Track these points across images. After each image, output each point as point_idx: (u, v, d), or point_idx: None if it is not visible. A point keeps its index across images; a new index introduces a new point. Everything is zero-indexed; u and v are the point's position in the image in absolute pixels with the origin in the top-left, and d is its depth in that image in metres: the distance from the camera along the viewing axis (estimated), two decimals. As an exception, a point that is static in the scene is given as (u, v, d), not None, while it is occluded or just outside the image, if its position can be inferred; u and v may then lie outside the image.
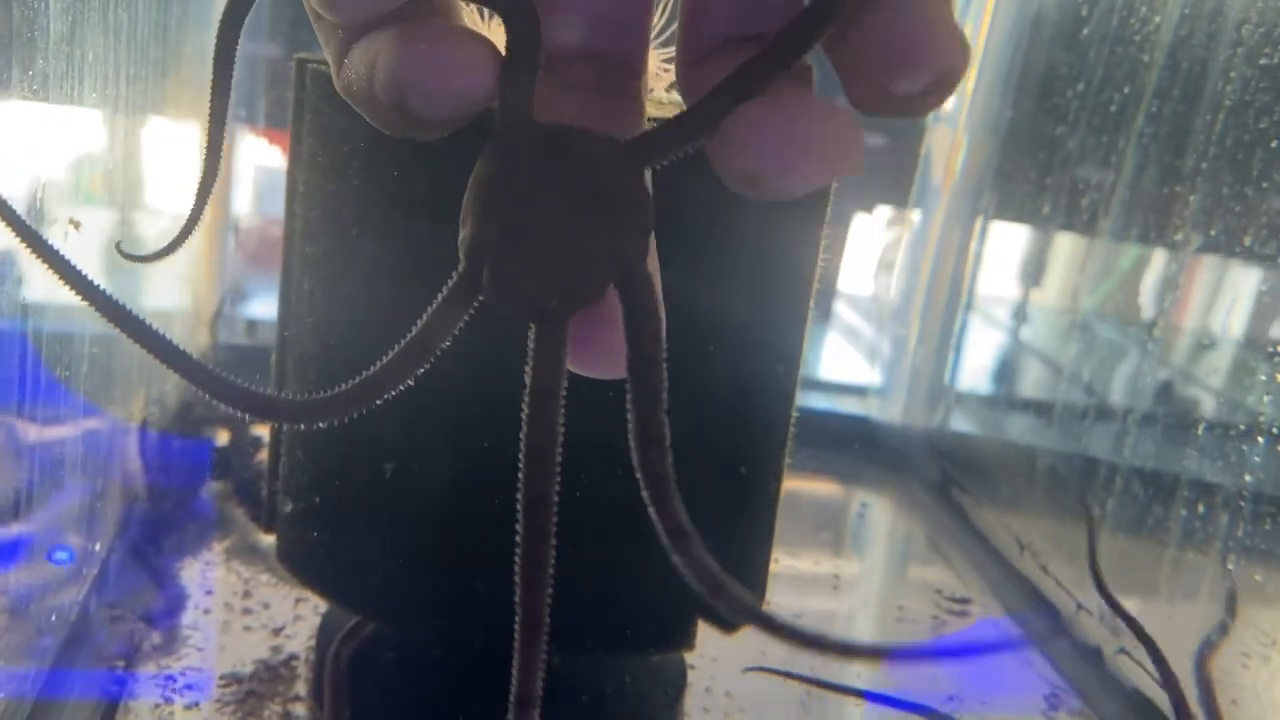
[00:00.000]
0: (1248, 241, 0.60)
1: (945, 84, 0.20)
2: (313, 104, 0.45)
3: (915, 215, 0.98)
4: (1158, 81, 0.69)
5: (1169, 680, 0.53)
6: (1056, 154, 0.80)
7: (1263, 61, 0.59)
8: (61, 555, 0.41)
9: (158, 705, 0.49)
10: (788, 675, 0.57)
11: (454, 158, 0.28)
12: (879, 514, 0.83)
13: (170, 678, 0.51)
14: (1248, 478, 0.56)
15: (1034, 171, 0.83)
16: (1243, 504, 0.56)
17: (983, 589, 0.70)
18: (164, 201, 0.83)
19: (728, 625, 0.49)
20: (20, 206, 0.50)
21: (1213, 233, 0.63)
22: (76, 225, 0.40)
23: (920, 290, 0.95)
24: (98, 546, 0.55)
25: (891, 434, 0.92)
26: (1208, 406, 0.66)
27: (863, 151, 0.21)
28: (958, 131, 0.93)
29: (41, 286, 0.47)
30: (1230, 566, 0.56)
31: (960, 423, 0.92)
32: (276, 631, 0.56)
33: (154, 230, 0.80)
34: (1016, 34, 0.88)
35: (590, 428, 0.43)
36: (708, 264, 0.43)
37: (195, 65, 0.78)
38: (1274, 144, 0.58)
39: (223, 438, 0.76)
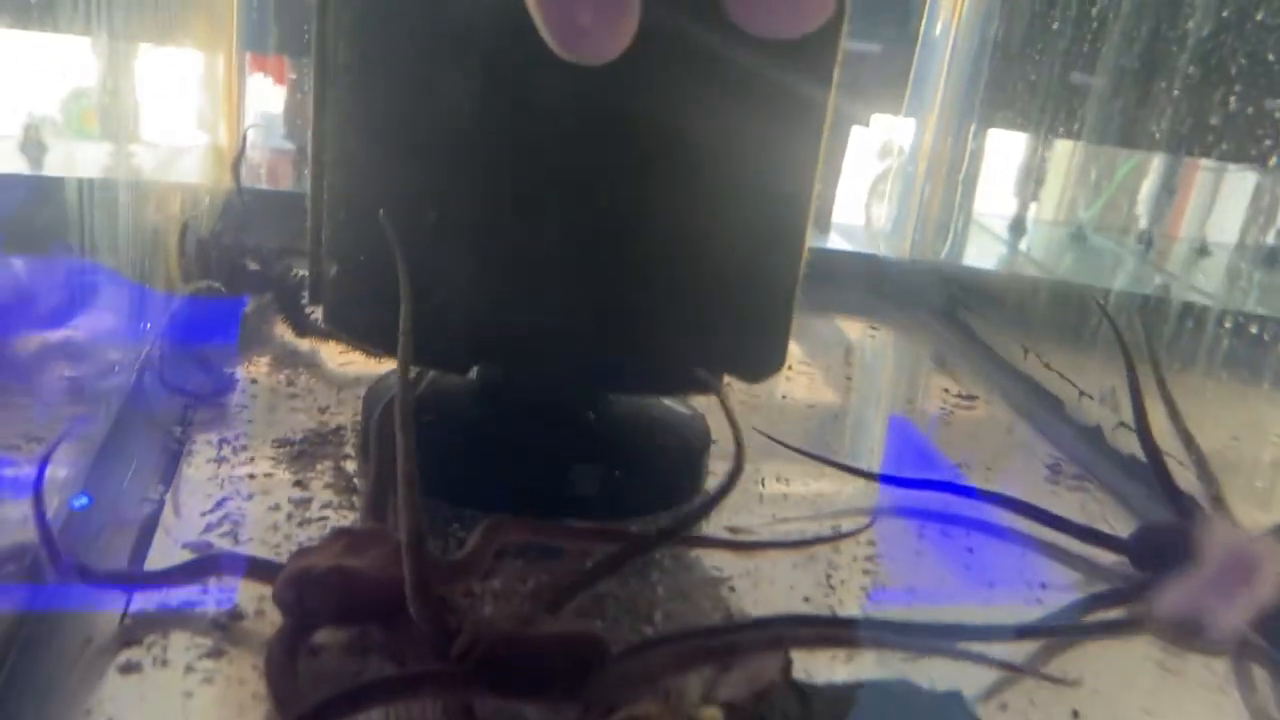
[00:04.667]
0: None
1: None
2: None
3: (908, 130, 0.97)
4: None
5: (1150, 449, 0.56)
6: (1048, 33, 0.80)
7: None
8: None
9: (213, 461, 0.52)
10: (802, 453, 0.60)
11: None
12: (888, 336, 0.86)
13: (224, 440, 0.54)
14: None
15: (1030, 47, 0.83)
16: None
17: (989, 388, 0.73)
18: (159, 133, 0.84)
19: (754, 379, 0.52)
20: (14, 141, 0.51)
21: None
22: None
23: (917, 186, 0.96)
24: (148, 325, 0.57)
25: (900, 268, 0.94)
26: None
27: None
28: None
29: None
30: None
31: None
32: (323, 410, 0.59)
33: (150, 161, 0.81)
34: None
35: (636, 192, 0.45)
36: (730, 80, 0.44)
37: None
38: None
39: (253, 264, 0.78)
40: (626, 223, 0.46)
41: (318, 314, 0.65)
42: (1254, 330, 0.61)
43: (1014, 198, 0.93)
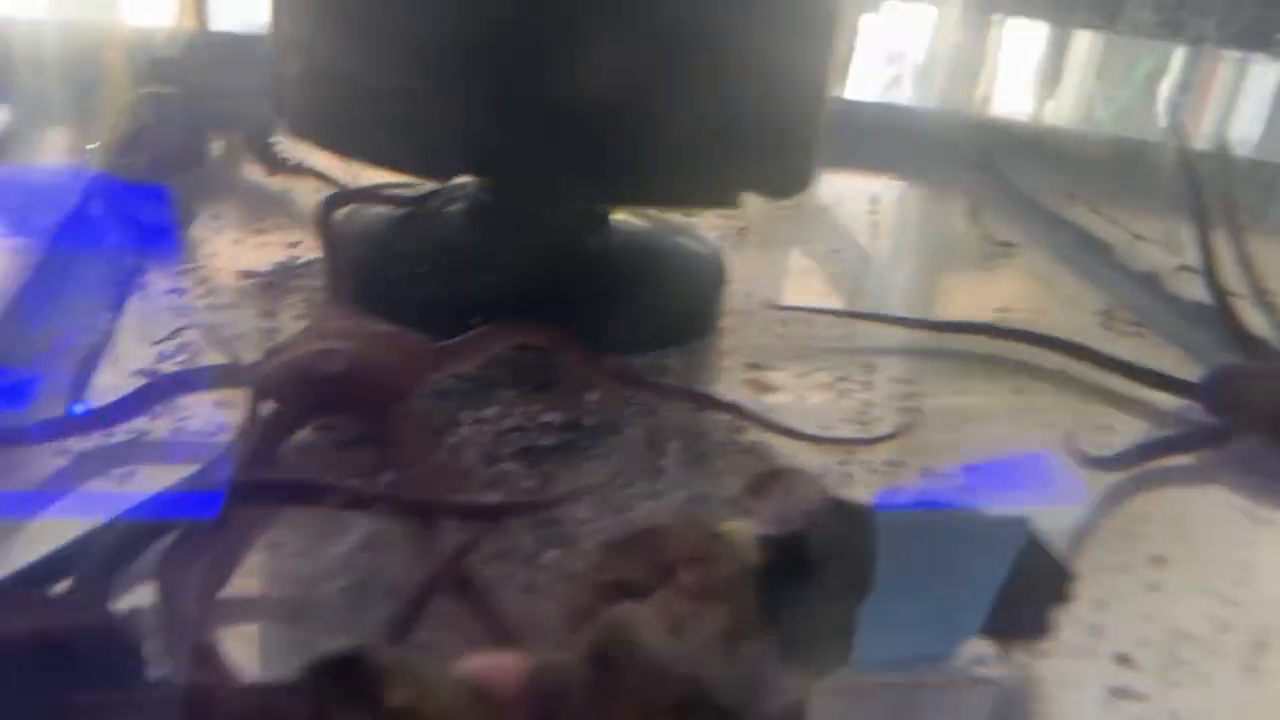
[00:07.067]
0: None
1: None
2: None
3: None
4: None
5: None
6: None
7: None
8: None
9: (171, 291, 0.46)
10: (827, 311, 0.54)
11: None
12: (917, 189, 0.79)
13: (181, 271, 0.48)
14: None
15: None
16: None
17: (1028, 235, 0.67)
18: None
19: (776, 195, 0.46)
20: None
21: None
22: None
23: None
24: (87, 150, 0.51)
25: (929, 118, 0.86)
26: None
27: None
28: None
29: None
30: None
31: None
32: (293, 245, 0.53)
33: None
34: None
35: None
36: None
37: None
38: None
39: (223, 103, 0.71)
40: (633, 21, 0.39)
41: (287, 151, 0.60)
42: None
43: (1032, 96, 0.84)
